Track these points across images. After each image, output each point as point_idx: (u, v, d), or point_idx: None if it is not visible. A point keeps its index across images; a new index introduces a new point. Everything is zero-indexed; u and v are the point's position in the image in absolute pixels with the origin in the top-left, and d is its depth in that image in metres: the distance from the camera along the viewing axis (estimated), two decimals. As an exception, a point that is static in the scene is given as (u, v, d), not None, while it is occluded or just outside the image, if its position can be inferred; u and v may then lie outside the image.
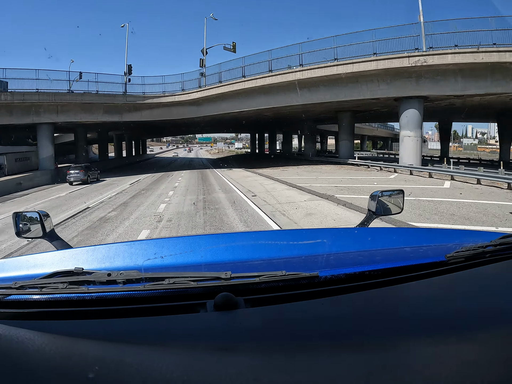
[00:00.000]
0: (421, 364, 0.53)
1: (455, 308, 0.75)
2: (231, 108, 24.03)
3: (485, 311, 0.72)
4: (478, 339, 0.61)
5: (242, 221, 7.94)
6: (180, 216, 8.90)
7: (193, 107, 25.85)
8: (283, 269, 0.84)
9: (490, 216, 7.49)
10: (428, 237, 1.25)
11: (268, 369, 0.50)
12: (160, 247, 1.10)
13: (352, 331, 0.67)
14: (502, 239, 1.01)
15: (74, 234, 7.54)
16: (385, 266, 0.92)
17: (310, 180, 15.22)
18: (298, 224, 7.41)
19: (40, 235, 1.42)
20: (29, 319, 0.76)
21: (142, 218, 8.91)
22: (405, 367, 0.53)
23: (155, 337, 0.67)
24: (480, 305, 0.75)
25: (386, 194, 1.55)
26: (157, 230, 7.45)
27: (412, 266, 0.93)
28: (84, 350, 0.56)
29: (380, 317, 0.72)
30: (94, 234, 7.45)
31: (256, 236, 1.33)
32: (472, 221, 7.06)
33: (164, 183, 19.12)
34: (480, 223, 6.86)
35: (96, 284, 0.84)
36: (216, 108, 24.76)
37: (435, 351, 0.56)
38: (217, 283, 0.81)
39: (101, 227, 8.18)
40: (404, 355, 0.58)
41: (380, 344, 0.61)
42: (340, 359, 0.56)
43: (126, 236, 7.12)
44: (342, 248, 1.13)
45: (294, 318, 0.74)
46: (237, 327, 0.71)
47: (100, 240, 6.91)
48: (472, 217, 7.43)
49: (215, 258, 1.03)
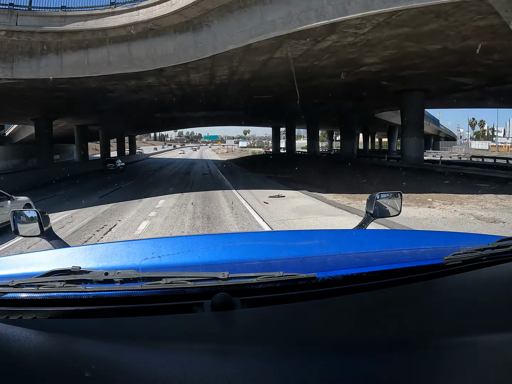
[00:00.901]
0: (418, 367, 0.52)
1: (452, 311, 0.75)
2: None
3: (483, 314, 0.72)
4: (476, 343, 0.61)
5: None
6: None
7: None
8: (281, 270, 0.84)
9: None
10: (425, 240, 1.25)
11: (264, 370, 0.50)
12: (157, 246, 1.10)
13: (349, 332, 0.67)
14: (500, 242, 1.01)
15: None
16: (382, 268, 0.92)
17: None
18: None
19: (38, 233, 1.40)
20: (25, 317, 0.76)
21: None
22: (401, 370, 0.52)
23: (152, 337, 0.67)
24: (477, 308, 0.75)
25: (384, 196, 1.55)
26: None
27: (409, 268, 0.93)
28: (80, 349, 0.55)
29: (377, 319, 0.73)
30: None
31: (254, 237, 1.31)
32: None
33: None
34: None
35: (93, 283, 0.84)
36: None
37: (432, 354, 0.56)
38: (214, 283, 0.81)
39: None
40: (400, 357, 0.57)
41: (376, 346, 0.61)
42: (336, 361, 0.56)
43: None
44: (339, 249, 1.13)
45: (291, 319, 0.73)
46: (234, 328, 0.71)
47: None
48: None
49: (212, 258, 1.03)
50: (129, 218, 8.57)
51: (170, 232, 7.07)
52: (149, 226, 7.64)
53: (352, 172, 15.99)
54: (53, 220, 8.18)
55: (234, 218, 8.21)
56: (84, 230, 7.49)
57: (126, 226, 7.76)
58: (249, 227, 7.24)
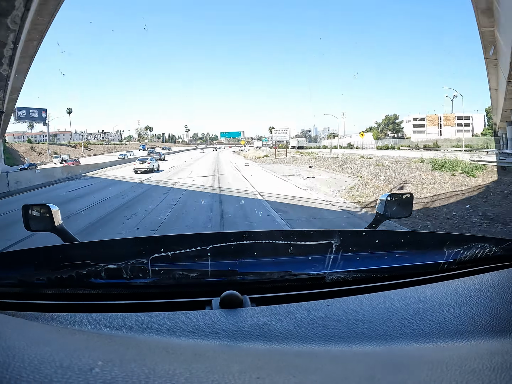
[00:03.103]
0: (425, 370, 0.52)
1: (462, 313, 0.74)
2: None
3: (492, 318, 0.71)
4: (484, 346, 0.60)
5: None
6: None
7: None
8: (290, 269, 0.84)
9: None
10: (436, 242, 1.23)
11: (271, 368, 0.50)
12: (167, 243, 1.10)
13: (357, 333, 0.67)
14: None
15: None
16: (392, 269, 0.92)
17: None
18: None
19: (49, 228, 1.40)
20: (35, 310, 0.76)
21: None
22: (409, 371, 0.52)
23: (160, 333, 0.66)
24: (487, 311, 0.74)
25: (395, 197, 1.55)
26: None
27: (419, 270, 0.93)
28: (89, 343, 0.55)
29: (386, 320, 0.72)
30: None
31: (264, 235, 1.24)
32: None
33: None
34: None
35: (103, 278, 0.83)
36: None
37: (439, 356, 0.55)
38: (223, 281, 0.81)
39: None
40: (408, 359, 0.57)
41: (385, 347, 0.60)
42: (344, 361, 0.55)
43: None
44: (349, 249, 1.10)
45: (299, 318, 0.73)
46: (242, 325, 0.70)
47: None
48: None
49: (222, 256, 1.02)
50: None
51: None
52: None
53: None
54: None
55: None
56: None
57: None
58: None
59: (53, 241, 1.41)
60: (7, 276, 0.89)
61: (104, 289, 0.81)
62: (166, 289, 0.81)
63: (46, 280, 0.81)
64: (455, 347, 0.60)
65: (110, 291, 0.81)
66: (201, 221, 7.76)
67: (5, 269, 0.99)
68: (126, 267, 0.85)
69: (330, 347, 0.61)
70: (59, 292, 0.81)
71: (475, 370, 0.50)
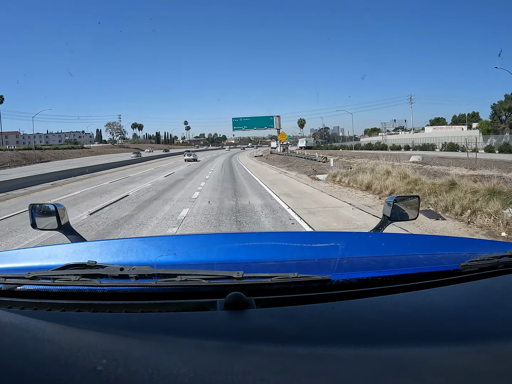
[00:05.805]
0: (430, 374, 0.52)
1: (467, 318, 0.74)
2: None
3: (497, 323, 0.71)
4: (489, 351, 0.60)
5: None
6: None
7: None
8: (296, 271, 0.83)
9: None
10: (442, 245, 1.23)
11: (275, 371, 0.50)
12: (173, 243, 1.11)
13: (363, 336, 0.67)
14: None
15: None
16: (398, 272, 0.91)
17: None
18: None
19: (55, 227, 1.41)
20: (40, 309, 0.76)
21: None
22: (414, 375, 0.52)
23: (165, 333, 0.67)
24: (492, 316, 0.74)
25: (402, 199, 1.54)
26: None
27: (425, 274, 0.92)
28: (93, 343, 0.56)
29: (391, 324, 0.72)
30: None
31: (270, 237, 1.30)
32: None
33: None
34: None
35: (109, 278, 0.83)
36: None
37: (445, 361, 0.55)
38: (228, 282, 0.80)
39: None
40: (413, 363, 0.57)
41: (390, 350, 0.61)
42: (349, 363, 0.55)
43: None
44: (355, 252, 1.11)
45: (305, 320, 0.73)
46: (247, 327, 0.70)
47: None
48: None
49: (228, 257, 1.03)
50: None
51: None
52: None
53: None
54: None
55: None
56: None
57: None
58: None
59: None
60: (12, 274, 0.90)
61: (109, 288, 0.81)
62: (171, 289, 0.81)
63: (51, 279, 0.82)
64: (460, 352, 0.60)
65: (115, 291, 0.81)
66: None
67: (11, 267, 1.00)
68: (131, 267, 0.85)
69: (335, 349, 0.61)
70: (64, 291, 0.81)
71: (480, 375, 0.50)
